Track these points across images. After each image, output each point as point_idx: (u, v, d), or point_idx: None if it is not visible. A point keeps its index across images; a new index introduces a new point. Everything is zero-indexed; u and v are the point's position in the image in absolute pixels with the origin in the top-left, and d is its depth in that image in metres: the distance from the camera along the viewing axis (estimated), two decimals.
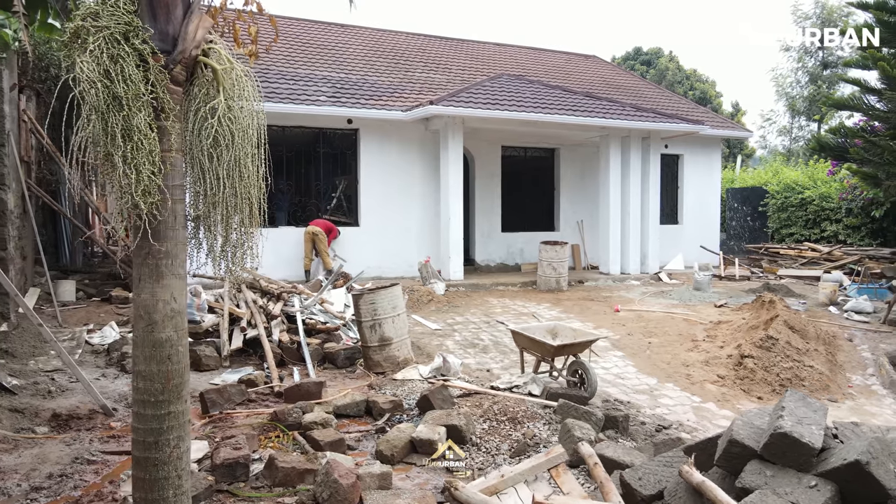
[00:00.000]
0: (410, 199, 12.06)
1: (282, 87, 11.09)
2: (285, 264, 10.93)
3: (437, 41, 17.60)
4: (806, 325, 7.71)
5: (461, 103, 10.95)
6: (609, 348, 7.86)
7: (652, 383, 6.68)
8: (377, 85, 12.55)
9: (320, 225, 11.04)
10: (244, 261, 3.22)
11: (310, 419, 4.77)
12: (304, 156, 11.44)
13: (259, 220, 3.23)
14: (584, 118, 11.80)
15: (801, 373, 6.74)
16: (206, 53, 2.97)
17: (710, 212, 16.09)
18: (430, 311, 9.48)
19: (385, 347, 6.72)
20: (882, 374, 7.04)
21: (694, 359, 7.32)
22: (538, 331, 6.70)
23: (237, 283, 8.30)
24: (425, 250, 11.84)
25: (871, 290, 10.96)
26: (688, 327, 8.83)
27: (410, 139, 12.02)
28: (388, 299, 6.75)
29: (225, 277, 2.72)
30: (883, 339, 8.24)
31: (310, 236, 10.77)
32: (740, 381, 6.67)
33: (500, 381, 6.24)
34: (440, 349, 7.57)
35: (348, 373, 6.91)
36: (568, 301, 10.62)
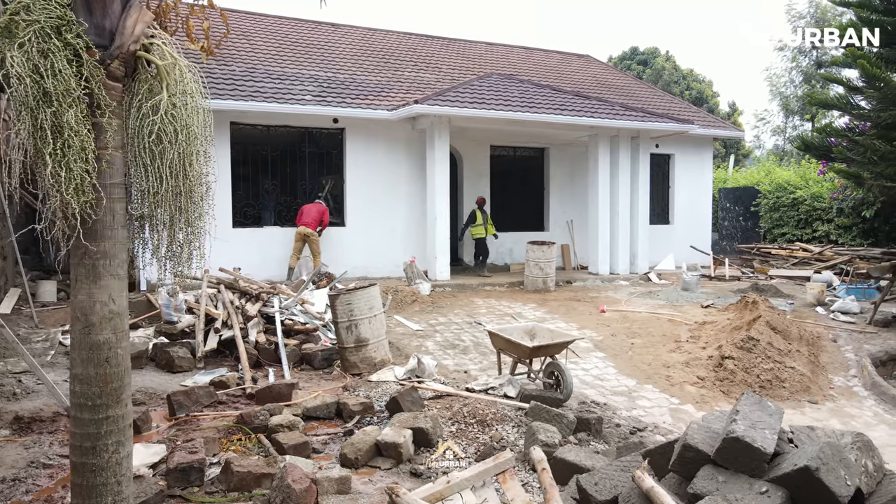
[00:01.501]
0: (397, 198, 11.99)
1: (267, 87, 11.02)
2: (272, 264, 10.86)
3: (428, 40, 17.53)
4: (789, 325, 7.64)
5: (447, 102, 10.89)
6: (591, 349, 7.79)
7: (631, 385, 6.62)
8: (365, 84, 12.49)
9: (312, 211, 10.74)
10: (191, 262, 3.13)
11: (276, 422, 4.70)
12: (289, 156, 11.37)
13: (205, 220, 3.14)
14: (572, 117, 11.73)
15: (781, 374, 6.68)
16: (148, 49, 2.90)
17: (701, 212, 16.02)
18: (413, 312, 9.41)
19: (361, 348, 6.65)
20: (864, 375, 6.97)
21: (675, 360, 7.26)
22: (515, 332, 6.63)
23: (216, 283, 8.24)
24: (412, 250, 11.77)
25: (860, 291, 10.89)
26: (672, 328, 8.77)
27: (397, 139, 11.95)
28: (364, 300, 6.69)
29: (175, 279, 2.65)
30: (868, 339, 8.18)
31: (301, 236, 10.65)
32: (720, 382, 6.60)
33: (477, 383, 6.18)
34: (419, 350, 7.51)
35: (325, 374, 6.84)
36: (554, 301, 10.55)
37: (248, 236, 10.79)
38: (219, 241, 10.27)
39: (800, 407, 6.25)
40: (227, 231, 10.57)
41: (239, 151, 10.86)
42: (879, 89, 6.49)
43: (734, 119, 36.75)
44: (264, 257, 10.77)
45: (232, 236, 10.63)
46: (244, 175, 10.93)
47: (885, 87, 6.42)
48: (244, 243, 10.71)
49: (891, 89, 6.46)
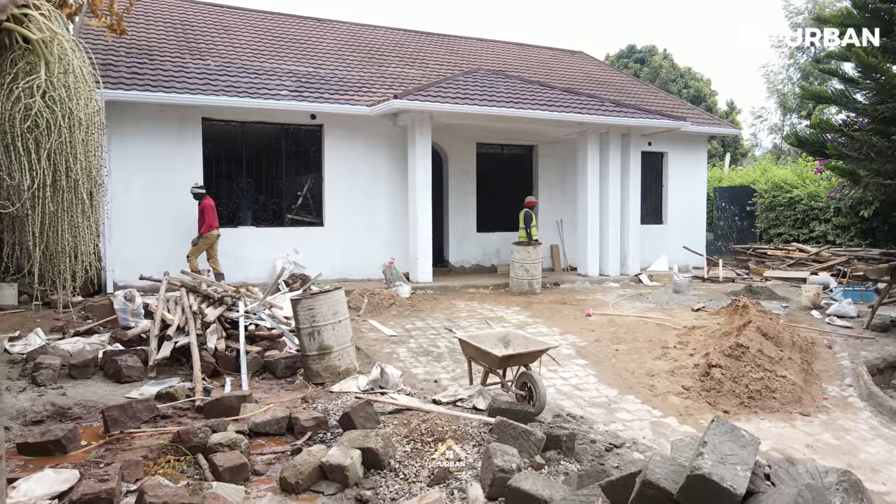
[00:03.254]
0: (378, 197, 11.58)
1: (241, 81, 10.62)
2: (248, 265, 10.46)
3: (416, 36, 17.12)
4: (781, 331, 7.24)
5: (429, 97, 10.48)
6: (572, 356, 7.39)
7: (612, 395, 6.22)
8: (346, 80, 12.08)
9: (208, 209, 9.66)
10: (76, 267, 2.72)
11: (216, 440, 4.30)
12: (266, 153, 10.96)
13: (96, 218, 2.73)
14: (559, 113, 11.33)
15: (771, 384, 6.27)
16: (21, 20, 2.50)
17: (695, 211, 15.61)
18: (389, 316, 9.01)
19: (325, 356, 6.25)
20: (860, 384, 6.57)
21: (660, 368, 6.86)
22: (488, 339, 6.23)
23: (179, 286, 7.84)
24: (394, 251, 11.37)
25: (857, 293, 10.50)
26: (660, 333, 8.37)
27: (378, 135, 11.55)
28: (327, 305, 6.29)
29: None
30: (864, 345, 7.78)
31: (216, 238, 9.86)
32: (706, 392, 6.20)
33: (445, 394, 5.78)
34: (390, 358, 7.11)
35: (287, 383, 6.45)
36: (539, 304, 10.14)
37: (223, 237, 10.35)
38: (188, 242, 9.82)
39: (790, 419, 5.85)
40: None
41: (212, 149, 10.46)
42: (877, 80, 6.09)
43: (732, 118, 36.30)
44: (237, 259, 10.37)
45: None
46: (218, 173, 10.53)
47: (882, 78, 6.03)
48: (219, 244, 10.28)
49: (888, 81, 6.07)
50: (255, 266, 10.47)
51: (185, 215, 10.13)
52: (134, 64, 10.29)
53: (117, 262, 9.51)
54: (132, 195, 9.55)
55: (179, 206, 10.07)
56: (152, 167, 9.89)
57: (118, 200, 9.52)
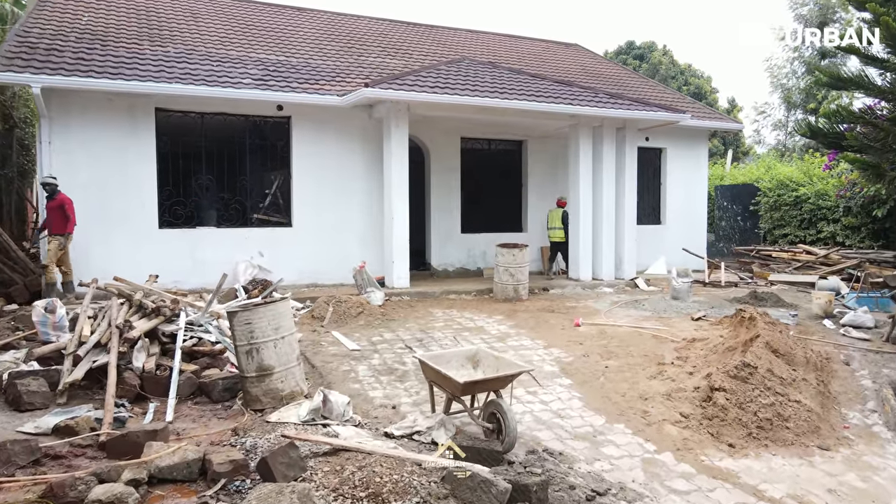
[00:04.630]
0: (352, 196, 10.71)
1: (202, 69, 9.74)
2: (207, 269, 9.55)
3: (401, 26, 16.26)
4: (793, 347, 6.36)
5: (404, 86, 9.60)
6: (556, 374, 6.53)
7: (598, 424, 5.35)
8: (319, 69, 11.20)
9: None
10: None
11: (97, 495, 3.43)
12: (228, 147, 10.08)
13: None
14: (548, 105, 10.45)
15: (784, 410, 5.40)
16: None
17: (696, 211, 14.74)
18: (356, 327, 8.13)
19: (264, 378, 5.38)
20: (886, 410, 5.69)
21: (655, 390, 5.98)
22: (454, 359, 5.37)
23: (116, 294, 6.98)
24: (368, 254, 10.50)
25: (872, 300, 9.62)
26: (656, 346, 7.50)
27: (352, 128, 10.68)
28: (267, 318, 5.41)
29: None
30: (886, 362, 6.89)
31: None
32: (708, 421, 5.32)
33: (400, 425, 4.91)
34: (347, 377, 6.25)
35: (223, 409, 5.60)
36: (524, 313, 9.27)
37: (179, 238, 9.51)
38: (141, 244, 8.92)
39: (807, 455, 4.97)
40: (151, 232, 9.31)
41: (167, 142, 9.58)
42: None
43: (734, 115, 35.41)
44: (195, 262, 9.50)
45: (158, 238, 9.37)
46: (174, 169, 9.65)
47: None
48: (173, 246, 9.44)
49: None
50: (216, 270, 9.48)
51: (140, 214, 9.28)
52: (83, 49, 9.42)
53: None
54: (75, 192, 8.67)
55: (132, 204, 9.21)
56: (99, 162, 9.03)
57: None
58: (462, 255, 12.32)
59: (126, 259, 8.99)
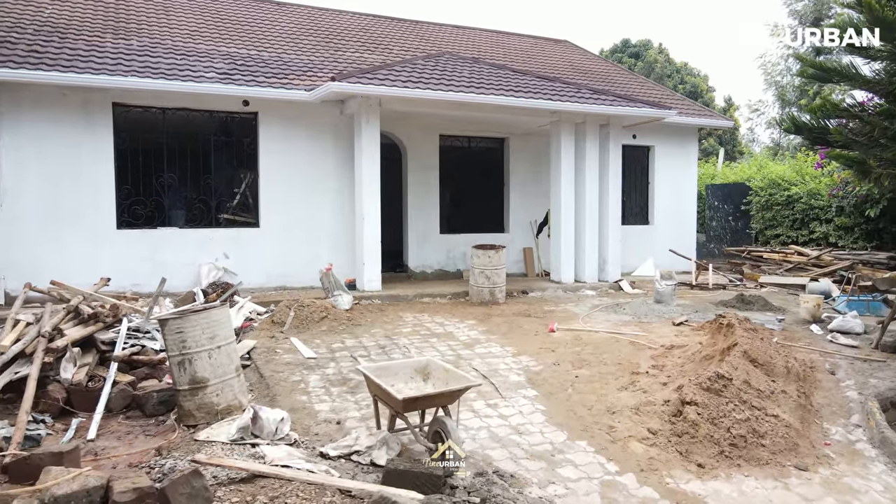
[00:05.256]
0: (323, 195, 10.30)
1: (163, 62, 9.33)
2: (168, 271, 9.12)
3: (384, 21, 15.85)
4: (773, 356, 5.95)
5: (374, 80, 9.19)
6: (521, 385, 6.12)
7: (559, 441, 4.94)
8: (291, 63, 10.79)
9: None
10: None
11: None
12: (191, 145, 9.66)
13: None
14: (526, 100, 10.04)
15: (760, 426, 4.99)
16: None
17: (685, 211, 14.33)
18: (318, 333, 7.73)
19: (198, 392, 4.99)
20: (871, 425, 5.28)
21: (624, 402, 5.57)
22: (402, 371, 4.98)
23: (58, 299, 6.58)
24: (340, 256, 10.10)
25: (863, 304, 9.21)
26: (632, 353, 7.08)
27: (323, 125, 10.27)
28: (201, 327, 5.01)
29: None
30: (874, 371, 6.48)
31: None
32: (677, 438, 4.91)
33: (338, 444, 4.51)
34: (296, 387, 5.84)
35: (156, 424, 5.21)
36: (499, 317, 8.86)
37: (138, 239, 9.11)
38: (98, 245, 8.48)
39: (783, 476, 4.57)
40: (109, 233, 8.91)
41: (126, 139, 9.18)
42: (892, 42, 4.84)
43: (730, 114, 35.02)
44: (158, 264, 9.10)
45: (116, 239, 8.97)
46: (134, 167, 9.24)
47: None
48: (133, 247, 9.04)
49: None
50: (178, 272, 9.18)
51: (96, 214, 8.87)
52: (38, 42, 9.01)
53: (8, 268, 8.24)
54: (25, 190, 8.27)
55: (86, 203, 8.81)
56: (52, 159, 8.62)
57: (8, 196, 8.28)
58: (441, 256, 11.92)
59: (82, 261, 8.59)
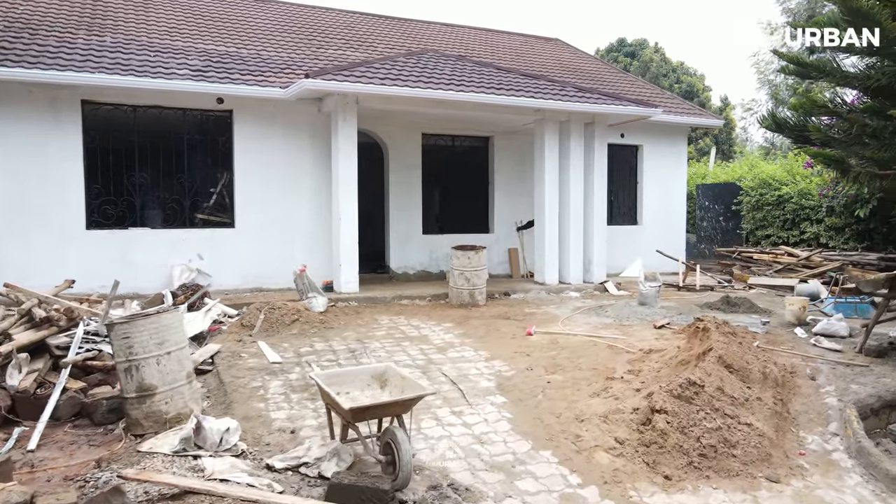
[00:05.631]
0: (300, 195, 10.10)
1: (135, 59, 9.13)
2: (139, 273, 8.98)
3: (370, 19, 15.64)
4: (750, 362, 5.75)
5: (350, 77, 8.99)
6: (491, 391, 5.92)
7: (522, 451, 4.74)
8: (269, 61, 10.59)
9: None
10: None
11: None
12: (164, 144, 9.44)
13: None
14: (507, 98, 9.84)
15: (732, 435, 4.79)
16: None
17: (675, 211, 14.12)
18: (288, 336, 7.52)
19: (145, 400, 4.79)
20: (848, 434, 5.08)
21: (594, 410, 5.36)
22: (358, 378, 4.78)
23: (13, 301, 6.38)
24: (317, 256, 9.90)
25: (850, 306, 9.03)
26: (609, 358, 6.88)
27: (300, 123, 10.06)
28: (149, 332, 4.81)
29: None
30: (856, 376, 6.28)
31: None
32: (645, 448, 4.71)
33: (286, 456, 4.30)
34: (254, 394, 5.63)
35: (104, 433, 5.02)
36: (477, 320, 8.66)
37: (108, 240, 8.90)
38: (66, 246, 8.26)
39: (753, 488, 4.37)
40: (77, 233, 8.71)
41: (95, 137, 8.97)
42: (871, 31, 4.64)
43: (726, 113, 34.82)
44: (128, 265, 8.90)
45: (85, 239, 8.77)
46: (104, 166, 9.03)
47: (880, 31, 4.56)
48: (102, 248, 8.83)
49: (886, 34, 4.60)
50: (150, 274, 8.99)
51: (64, 214, 8.67)
52: (7, 38, 8.82)
53: None
54: None
55: (54, 203, 8.61)
56: (17, 157, 8.42)
57: None
58: (424, 257, 11.71)
59: (49, 261, 8.39)
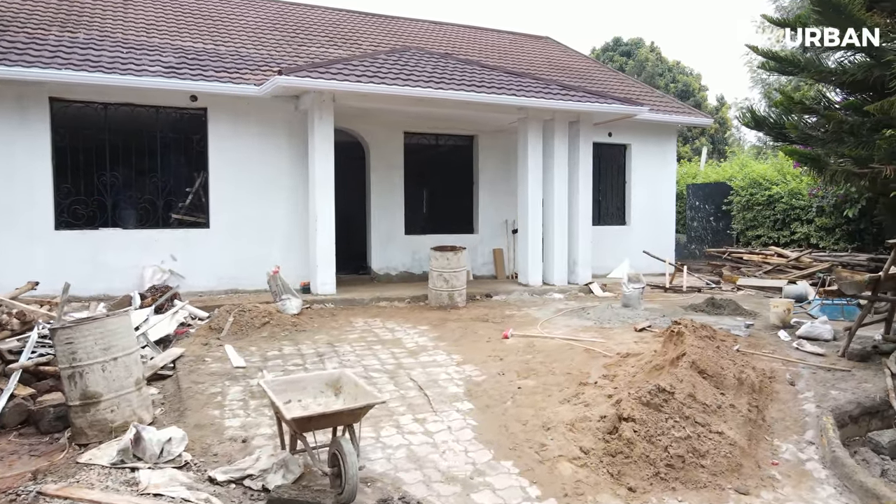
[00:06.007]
0: (276, 194, 9.91)
1: (106, 55, 8.93)
2: (110, 274, 8.80)
3: (356, 16, 15.46)
4: (725, 367, 5.56)
5: (325, 74, 8.80)
6: (458, 397, 5.73)
7: (483, 461, 4.54)
8: (248, 57, 10.40)
9: None
10: None
11: None
12: (136, 142, 9.24)
13: None
14: (488, 95, 9.65)
15: (701, 445, 4.59)
16: None
17: (664, 211, 13.95)
18: (257, 339, 7.33)
19: (90, 408, 4.59)
20: (823, 443, 4.89)
21: (562, 417, 5.17)
22: (312, 384, 4.59)
23: None
24: (294, 257, 9.72)
25: (837, 308, 8.84)
26: (585, 362, 6.69)
27: (276, 121, 9.88)
28: (94, 337, 4.61)
29: None
30: (837, 381, 6.08)
31: None
32: (610, 458, 4.51)
33: (229, 468, 4.11)
34: (211, 400, 5.44)
35: (50, 441, 4.83)
36: (455, 322, 8.47)
37: (78, 240, 8.71)
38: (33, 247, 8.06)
39: (721, 501, 4.18)
40: (46, 233, 8.52)
41: (65, 136, 8.78)
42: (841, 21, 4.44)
43: (722, 113, 34.66)
44: (99, 266, 8.72)
45: (54, 240, 8.58)
46: (74, 165, 8.84)
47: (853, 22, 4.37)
48: (72, 249, 8.64)
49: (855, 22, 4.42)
50: (121, 275, 8.80)
51: (31, 214, 8.48)
52: None
53: None
54: None
55: (20, 203, 8.41)
56: None
57: None
58: (406, 258, 11.52)
59: (16, 263, 8.21)
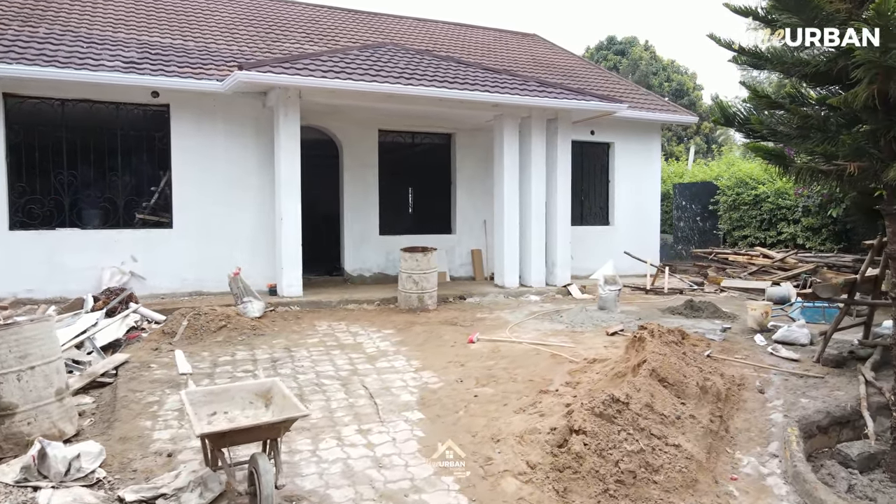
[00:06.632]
0: (243, 193, 9.64)
1: (63, 50, 8.66)
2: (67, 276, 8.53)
3: (336, 13, 15.18)
4: (688, 374, 5.29)
5: (290, 70, 8.52)
6: (410, 406, 5.46)
7: (423, 476, 4.27)
8: (215, 53, 10.12)
9: None
10: None
11: None
12: (95, 140, 8.97)
13: None
14: (461, 92, 9.38)
15: (656, 459, 4.32)
16: None
17: (648, 211, 13.69)
18: (211, 344, 7.05)
19: (4, 420, 4.33)
20: (786, 456, 4.62)
21: (513, 428, 4.90)
22: (240, 395, 4.32)
23: None
24: (261, 259, 9.45)
25: (818, 311, 8.58)
26: (550, 368, 6.42)
27: (243, 118, 9.61)
28: (8, 345, 4.34)
29: None
30: (808, 389, 5.81)
31: None
32: (557, 473, 4.24)
33: (142, 486, 3.84)
34: (146, 410, 5.16)
35: None
36: (421, 326, 8.20)
37: (33, 241, 8.44)
38: None
39: None
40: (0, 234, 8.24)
41: (19, 133, 8.51)
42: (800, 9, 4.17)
43: None
44: (55, 268, 8.44)
45: (8, 241, 8.31)
46: (29, 163, 8.57)
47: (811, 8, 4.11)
48: (27, 250, 8.37)
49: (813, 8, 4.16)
50: (79, 277, 8.52)
51: None
52: None
53: None
54: None
55: None
56: None
57: None
58: (380, 259, 11.25)
59: None
